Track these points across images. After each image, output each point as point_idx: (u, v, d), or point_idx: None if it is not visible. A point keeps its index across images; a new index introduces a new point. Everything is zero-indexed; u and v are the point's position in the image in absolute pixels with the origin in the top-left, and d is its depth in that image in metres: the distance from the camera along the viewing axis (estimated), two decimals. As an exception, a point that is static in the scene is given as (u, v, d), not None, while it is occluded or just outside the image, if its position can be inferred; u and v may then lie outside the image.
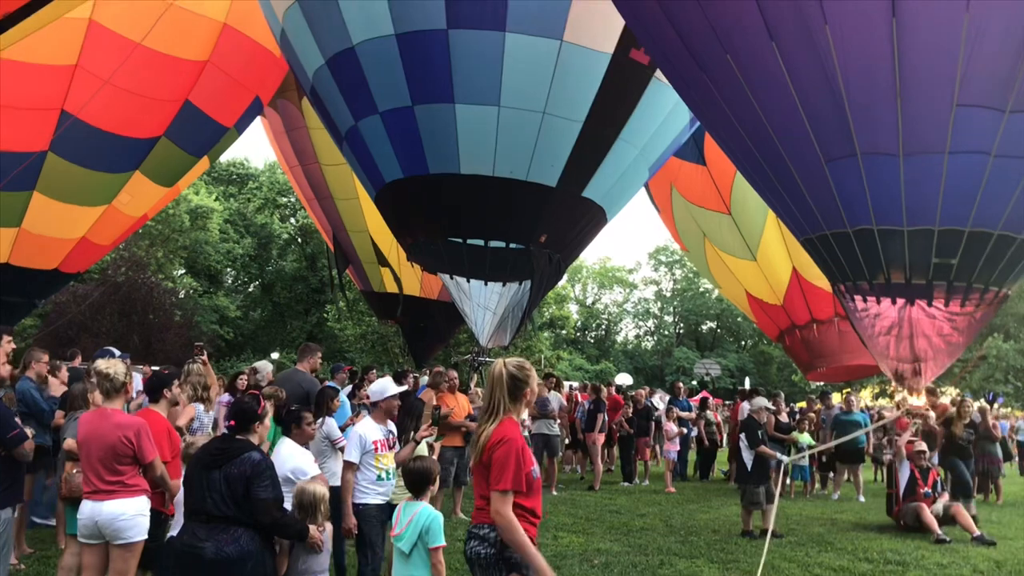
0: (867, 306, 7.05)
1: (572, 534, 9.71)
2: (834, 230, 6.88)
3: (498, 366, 3.97)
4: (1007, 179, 6.13)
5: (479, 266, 10.16)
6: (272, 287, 45.03)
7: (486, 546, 3.83)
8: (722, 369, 46.50)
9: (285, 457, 5.50)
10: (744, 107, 6.73)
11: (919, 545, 9.84)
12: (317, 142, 13.60)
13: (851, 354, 13.95)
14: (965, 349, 7.34)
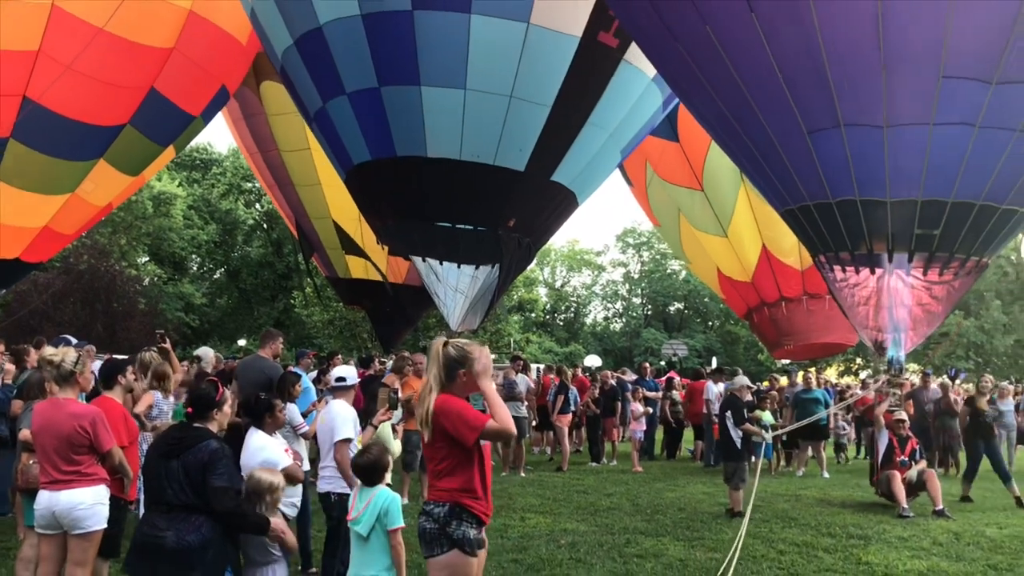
0: (846, 276, 7.05)
1: (539, 515, 9.75)
2: (816, 201, 6.85)
3: (436, 345, 4.04)
4: (991, 150, 6.14)
5: (451, 249, 10.11)
6: (238, 273, 44.64)
7: (431, 521, 3.91)
8: (689, 349, 46.81)
9: (256, 449, 5.43)
10: (725, 79, 6.67)
11: (881, 519, 10.00)
12: (276, 128, 13.44)
13: (818, 332, 14.10)
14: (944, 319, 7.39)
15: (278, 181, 14.15)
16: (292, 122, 13.14)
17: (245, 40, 11.55)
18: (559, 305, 65.18)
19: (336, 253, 14.42)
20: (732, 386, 11.18)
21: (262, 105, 13.31)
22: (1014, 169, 6.27)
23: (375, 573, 4.57)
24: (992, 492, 12.08)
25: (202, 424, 4.64)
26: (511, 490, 11.52)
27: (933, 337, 28.90)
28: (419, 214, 10.05)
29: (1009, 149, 6.13)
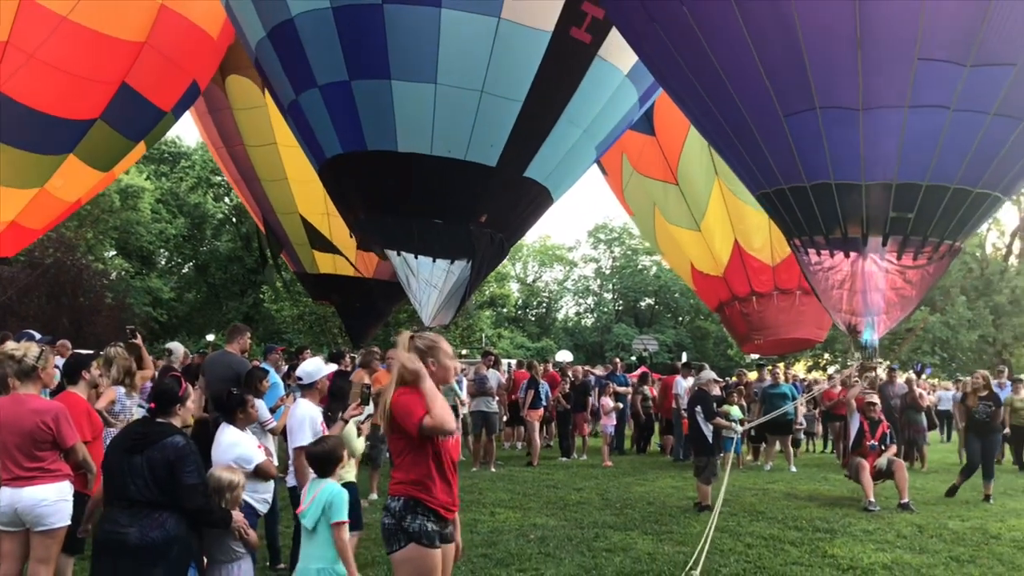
0: (821, 260, 7.05)
1: (509, 510, 9.76)
2: (791, 184, 6.84)
3: (403, 338, 4.06)
4: (965, 133, 6.16)
5: (426, 243, 10.07)
6: (207, 268, 44.25)
7: (389, 516, 3.94)
8: (660, 345, 47.08)
9: (228, 445, 5.36)
10: (702, 61, 6.64)
11: (847, 513, 10.11)
12: (241, 123, 13.29)
13: (787, 328, 14.20)
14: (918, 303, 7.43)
15: (244, 176, 14.00)
16: (258, 117, 13.03)
17: (216, 34, 11.43)
18: (531, 300, 65.30)
19: (303, 249, 14.30)
20: (699, 381, 11.23)
21: (228, 99, 13.16)
22: (987, 152, 6.30)
23: (321, 566, 4.56)
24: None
25: (165, 419, 4.58)
26: (481, 485, 11.52)
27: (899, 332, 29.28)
28: (391, 208, 10.00)
29: (983, 132, 6.15)
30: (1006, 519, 9.95)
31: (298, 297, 33.81)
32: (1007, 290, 30.15)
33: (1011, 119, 6.17)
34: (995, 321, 30.34)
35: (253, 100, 12.87)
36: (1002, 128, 6.18)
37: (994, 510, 10.59)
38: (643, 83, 9.80)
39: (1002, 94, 5.98)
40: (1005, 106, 6.07)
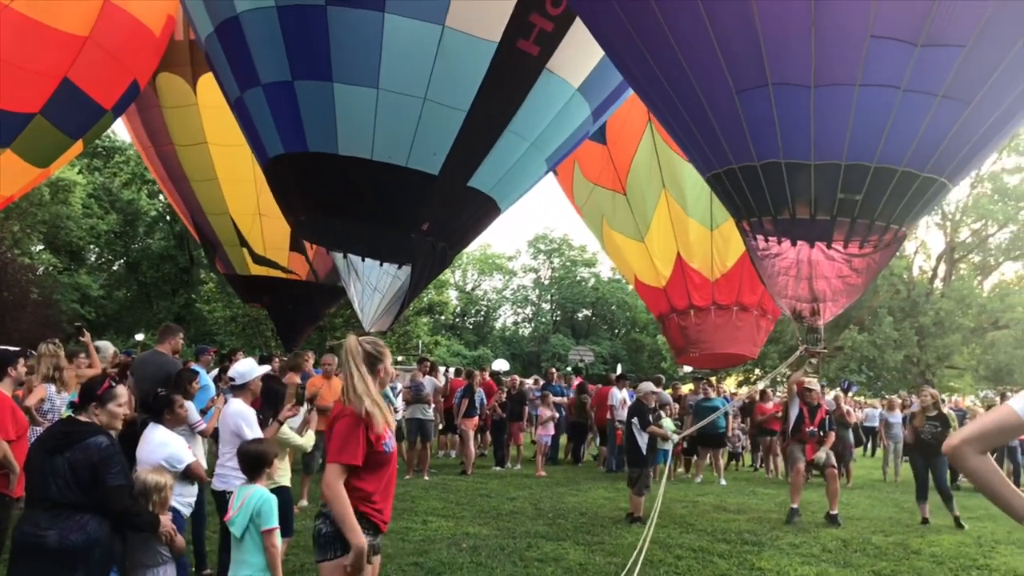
0: (768, 246, 7.03)
1: (442, 518, 9.72)
2: (742, 164, 6.79)
3: (352, 342, 3.99)
4: (914, 115, 6.17)
5: (369, 248, 9.98)
6: (138, 266, 43.25)
7: (328, 524, 3.85)
8: (595, 356, 47.41)
9: (158, 444, 5.25)
10: (657, 36, 6.57)
11: (774, 526, 10.29)
12: (171, 121, 12.94)
13: (722, 343, 14.38)
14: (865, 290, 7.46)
15: (172, 176, 13.62)
16: (188, 115, 12.72)
17: (159, 31, 11.19)
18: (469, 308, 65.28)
19: (234, 250, 14.01)
20: (638, 392, 11.31)
21: (157, 97, 12.80)
22: (935, 136, 6.31)
23: (249, 574, 4.49)
24: (879, 501, 12.57)
25: (88, 418, 4.45)
26: (414, 493, 11.45)
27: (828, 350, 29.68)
28: (331, 211, 9.90)
29: (931, 114, 6.16)
30: (926, 535, 10.22)
31: (231, 298, 33.25)
32: (932, 312, 31.02)
33: (958, 102, 6.19)
34: (920, 342, 31.20)
35: (183, 98, 12.59)
36: (949, 111, 6.21)
37: (915, 526, 10.86)
38: (596, 98, 9.78)
39: (951, 76, 6.01)
40: (953, 88, 6.09)
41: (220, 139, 12.72)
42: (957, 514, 10.89)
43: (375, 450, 3.84)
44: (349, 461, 3.77)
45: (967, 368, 34.31)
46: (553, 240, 63.75)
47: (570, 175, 14.55)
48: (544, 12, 8.57)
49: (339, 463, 3.78)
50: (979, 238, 34.61)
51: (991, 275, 35.96)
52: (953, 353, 31.89)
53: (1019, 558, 8.88)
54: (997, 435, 2.71)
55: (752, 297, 13.86)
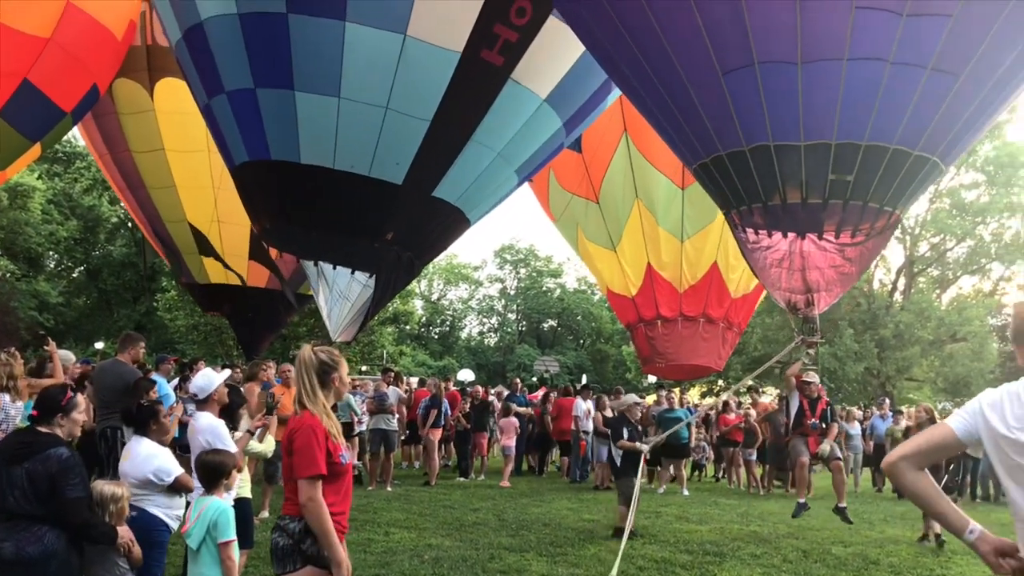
0: (758, 239, 6.94)
1: (404, 530, 9.66)
2: (729, 150, 6.67)
3: (306, 352, 3.96)
4: (902, 89, 6.06)
5: (341, 255, 9.92)
6: (98, 273, 42.62)
7: (285, 537, 3.82)
8: (561, 366, 47.48)
9: (146, 457, 5.16)
10: (640, 22, 6.48)
11: (736, 538, 10.35)
12: (128, 128, 12.82)
13: (688, 354, 14.45)
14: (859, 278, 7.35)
15: (130, 184, 13.44)
16: (145, 121, 12.63)
17: (120, 34, 11.08)
18: (435, 318, 65.14)
19: (193, 258, 13.86)
20: (621, 405, 11.14)
21: (114, 103, 12.66)
22: (925, 111, 6.22)
23: None
24: (864, 507, 12.64)
25: (49, 429, 4.39)
26: (376, 504, 11.38)
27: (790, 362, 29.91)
28: (295, 219, 9.85)
29: (920, 88, 6.07)
30: (885, 545, 10.35)
31: (193, 307, 32.87)
32: (892, 324, 31.47)
33: (948, 75, 6.08)
34: (880, 354, 31.62)
35: (140, 104, 12.48)
36: (939, 85, 6.10)
37: (873, 536, 10.99)
38: (567, 109, 9.77)
39: (938, 47, 5.92)
40: (942, 61, 6.00)
41: (177, 145, 12.63)
42: (939, 531, 10.24)
43: (333, 460, 3.82)
44: (318, 471, 3.73)
45: (926, 380, 34.85)
46: (519, 250, 63.87)
47: (546, 184, 14.59)
48: (508, 22, 8.57)
49: (311, 476, 3.72)
50: (937, 252, 35.21)
51: (949, 289, 36.59)
52: (912, 365, 32.35)
53: (975, 568, 9.00)
54: (934, 452, 2.79)
55: (719, 310, 13.98)
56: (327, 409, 3.91)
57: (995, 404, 2.69)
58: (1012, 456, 2.62)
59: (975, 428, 2.70)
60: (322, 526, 3.70)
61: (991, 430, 2.66)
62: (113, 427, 8.18)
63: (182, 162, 12.64)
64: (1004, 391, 2.71)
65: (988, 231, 34.01)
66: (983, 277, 36.66)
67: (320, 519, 3.70)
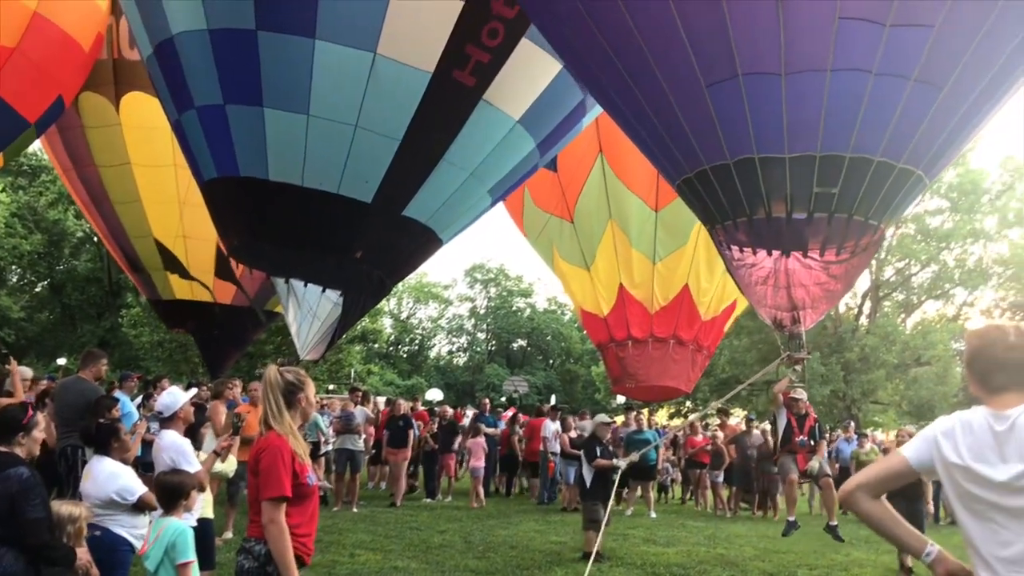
0: (743, 256, 6.89)
1: (370, 551, 9.56)
2: (713, 163, 6.61)
3: (272, 372, 3.92)
4: (886, 100, 6.03)
5: (307, 273, 9.84)
6: (62, 288, 42.01)
7: (251, 559, 3.74)
8: (530, 386, 47.44)
9: (108, 476, 5.08)
10: (622, 36, 6.43)
11: (702, 560, 10.35)
12: (93, 142, 12.68)
13: (657, 376, 14.48)
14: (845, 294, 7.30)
15: (95, 199, 13.25)
16: (111, 135, 12.52)
17: (88, 46, 10.98)
18: (403, 337, 64.86)
19: (158, 274, 13.68)
20: (593, 424, 11.03)
21: (79, 117, 12.51)
22: (909, 123, 6.20)
23: None
24: (806, 535, 12.69)
25: (8, 449, 4.29)
26: (342, 525, 11.25)
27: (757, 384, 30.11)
28: (264, 236, 9.77)
29: (904, 100, 6.05)
30: (850, 568, 10.40)
31: (158, 323, 32.48)
32: (857, 348, 31.76)
33: (931, 86, 6.07)
34: (846, 377, 31.88)
35: (106, 118, 12.37)
36: (923, 96, 6.09)
37: (839, 560, 11.03)
38: (540, 130, 9.76)
39: (922, 58, 5.90)
40: (925, 72, 5.98)
41: (143, 160, 12.52)
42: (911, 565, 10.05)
43: (299, 482, 3.77)
44: (283, 493, 3.68)
45: (891, 403, 35.15)
46: (490, 270, 63.88)
47: (520, 203, 14.60)
48: (480, 43, 8.57)
49: (275, 497, 3.68)
50: (903, 277, 35.65)
51: (914, 313, 37.04)
52: (877, 388, 32.63)
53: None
54: (888, 480, 2.86)
55: (689, 332, 14.04)
56: (294, 430, 3.87)
57: (948, 432, 2.75)
58: (963, 484, 2.67)
59: (928, 456, 2.77)
60: (281, 550, 3.64)
61: (943, 458, 2.72)
62: (74, 446, 8.02)
63: (148, 177, 12.52)
64: (957, 419, 2.77)
65: (952, 257, 34.50)
66: (947, 302, 37.16)
67: (280, 542, 3.65)
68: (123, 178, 12.80)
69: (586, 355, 57.59)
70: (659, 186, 12.74)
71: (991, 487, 2.61)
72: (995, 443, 2.64)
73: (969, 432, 2.70)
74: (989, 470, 2.62)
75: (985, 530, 2.64)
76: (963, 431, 2.72)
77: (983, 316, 37.49)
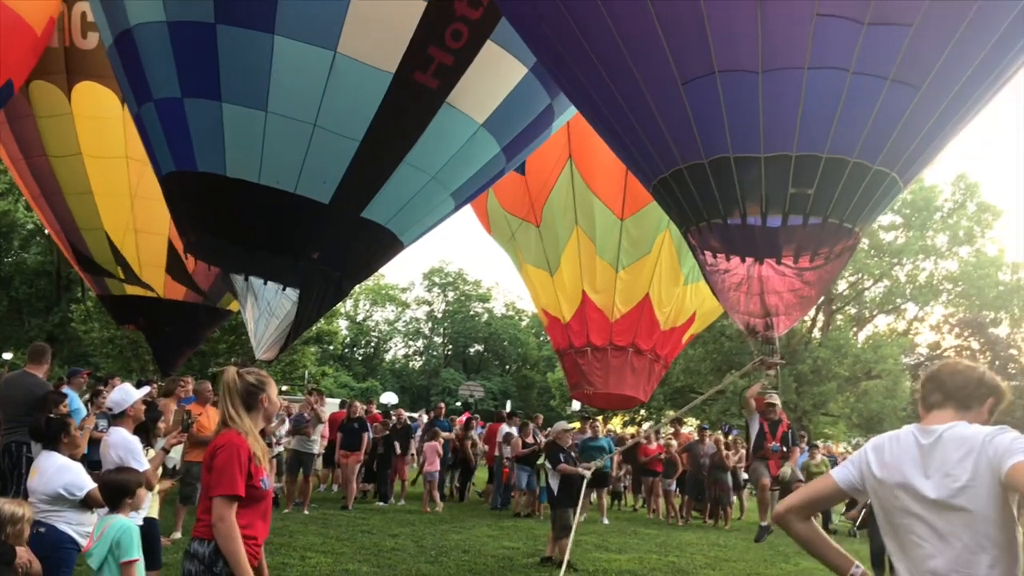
0: (716, 262, 6.85)
1: (321, 554, 9.45)
2: (689, 163, 6.54)
3: (230, 375, 3.83)
4: (863, 100, 6.00)
5: (264, 271, 9.70)
6: (10, 281, 41.06)
7: (196, 563, 3.65)
8: (485, 392, 47.40)
9: (57, 470, 4.98)
10: (598, 30, 6.36)
11: (655, 566, 10.40)
12: (45, 131, 12.39)
13: (615, 384, 14.51)
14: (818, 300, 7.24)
15: (45, 190, 12.92)
16: (62, 125, 12.26)
17: (40, 30, 10.73)
18: (359, 339, 64.50)
19: (110, 267, 13.42)
20: (553, 431, 10.95)
21: (30, 106, 12.22)
22: (886, 124, 6.17)
23: None
24: (756, 545, 12.81)
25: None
26: (292, 527, 11.12)
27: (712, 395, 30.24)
28: (219, 233, 9.63)
29: (881, 99, 6.02)
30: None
31: (109, 319, 31.92)
32: (809, 360, 32.19)
33: (908, 87, 6.04)
34: (797, 388, 32.27)
35: (57, 107, 12.11)
36: (900, 96, 6.07)
37: (788, 569, 11.16)
38: (505, 135, 9.68)
39: (899, 57, 5.88)
40: (903, 71, 5.95)
41: (95, 151, 12.29)
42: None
43: (253, 483, 3.70)
44: (235, 491, 3.60)
45: (841, 416, 35.65)
46: (448, 274, 63.82)
47: (484, 203, 14.55)
48: (443, 45, 8.48)
49: (226, 495, 3.60)
50: (855, 291, 36.23)
51: (865, 327, 37.67)
52: (828, 400, 33.09)
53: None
54: (818, 502, 3.03)
55: (648, 341, 14.10)
56: (254, 431, 3.80)
57: (878, 446, 2.89)
58: (886, 497, 2.79)
59: (856, 477, 2.90)
60: (232, 548, 3.57)
61: (871, 474, 2.84)
62: (18, 442, 7.83)
63: (99, 168, 12.29)
64: (888, 435, 2.92)
65: (904, 272, 35.17)
66: (898, 316, 37.86)
67: (231, 540, 3.57)
68: (74, 168, 12.52)
69: (542, 361, 57.74)
70: (626, 194, 12.77)
71: (916, 499, 2.70)
72: (919, 456, 2.74)
73: (896, 444, 2.83)
74: (914, 482, 2.71)
75: (907, 543, 2.73)
76: (890, 443, 2.86)
77: (932, 332, 38.27)
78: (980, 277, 32.91)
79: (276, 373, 35.29)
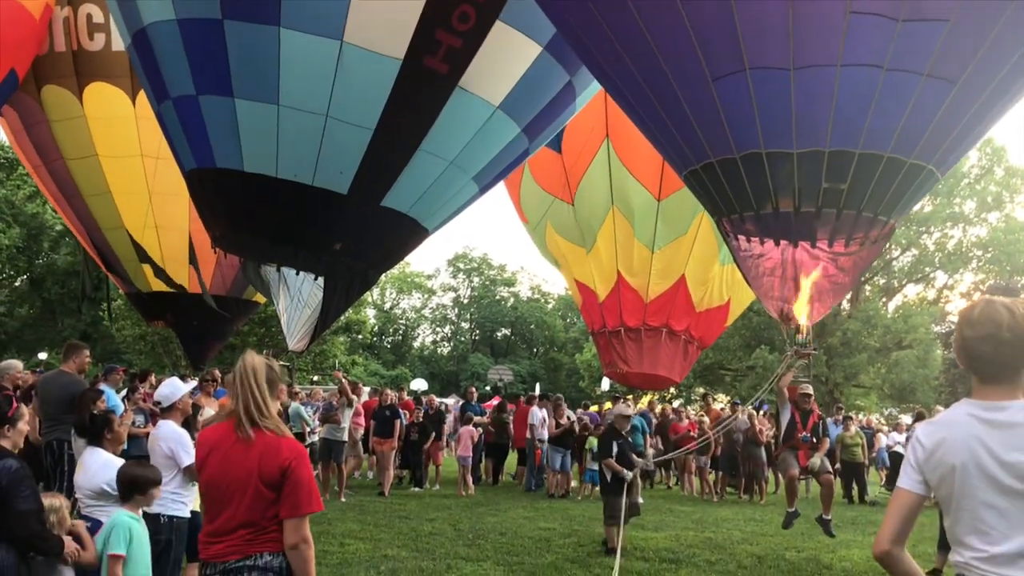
0: (750, 246, 6.76)
1: (359, 541, 9.53)
2: (720, 157, 6.49)
3: (252, 359, 3.45)
4: (897, 96, 5.91)
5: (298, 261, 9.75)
6: (42, 282, 41.66)
7: None
8: (514, 375, 47.50)
9: (101, 466, 5.07)
10: (629, 27, 6.31)
11: (691, 544, 10.39)
12: (59, 135, 12.50)
13: (650, 364, 14.47)
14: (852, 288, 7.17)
15: (65, 193, 13.08)
16: (76, 128, 12.36)
17: (39, 15, 10.74)
18: (387, 327, 64.82)
19: (133, 265, 13.52)
20: (611, 415, 10.70)
21: (44, 111, 12.32)
22: (921, 119, 6.08)
23: None
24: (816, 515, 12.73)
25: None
26: (330, 515, 11.21)
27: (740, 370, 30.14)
28: (244, 228, 9.68)
29: (916, 95, 5.93)
30: (837, 550, 10.46)
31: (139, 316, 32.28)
32: (839, 332, 31.94)
33: (945, 82, 5.94)
34: (828, 362, 32.05)
35: (70, 110, 12.21)
36: (935, 91, 5.98)
37: (826, 542, 11.09)
38: (524, 116, 9.55)
39: (935, 53, 5.79)
40: (939, 67, 5.86)
41: (110, 151, 12.40)
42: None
43: None
44: (320, 508, 3.41)
45: (873, 387, 35.40)
46: (473, 259, 63.90)
47: (519, 175, 14.47)
48: (451, 28, 8.35)
49: (308, 514, 3.38)
50: (884, 261, 35.83)
51: (895, 297, 37.29)
52: (860, 372, 32.83)
53: (926, 570, 9.12)
54: (909, 520, 2.68)
55: (682, 323, 14.03)
56: (281, 425, 3.47)
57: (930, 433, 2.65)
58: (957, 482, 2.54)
59: (918, 477, 2.64)
60: (312, 571, 3.36)
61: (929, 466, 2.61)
62: (59, 439, 7.97)
63: (115, 168, 12.40)
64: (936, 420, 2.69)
65: (932, 240, 34.74)
66: (927, 285, 37.42)
67: (311, 563, 3.36)
68: (91, 170, 12.64)
69: (570, 343, 57.72)
70: (663, 175, 12.59)
71: (989, 484, 2.49)
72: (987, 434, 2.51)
73: (954, 428, 2.59)
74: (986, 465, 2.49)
75: (972, 527, 2.52)
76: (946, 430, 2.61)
77: (963, 299, 37.78)
78: (1010, 243, 32.38)
79: (307, 363, 35.56)
